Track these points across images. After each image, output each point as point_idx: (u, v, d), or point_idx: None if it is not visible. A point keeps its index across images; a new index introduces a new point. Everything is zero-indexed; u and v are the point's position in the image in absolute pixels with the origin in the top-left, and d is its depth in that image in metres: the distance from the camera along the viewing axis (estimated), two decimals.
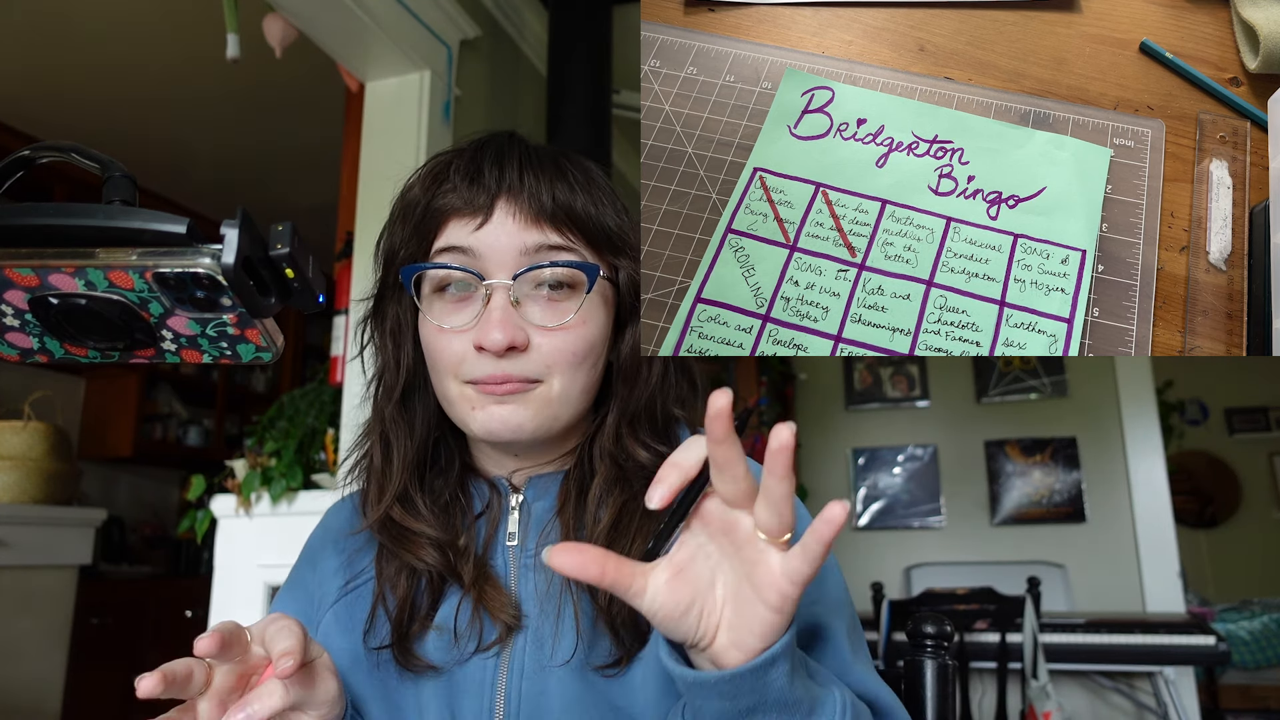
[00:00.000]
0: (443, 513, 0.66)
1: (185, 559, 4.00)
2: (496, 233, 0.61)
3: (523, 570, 0.64)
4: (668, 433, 0.68)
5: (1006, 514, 3.40)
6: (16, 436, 2.62)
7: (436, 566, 0.63)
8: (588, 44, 2.23)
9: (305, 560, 0.73)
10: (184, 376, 4.09)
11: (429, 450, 0.68)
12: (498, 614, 0.61)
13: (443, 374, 0.63)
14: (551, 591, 0.61)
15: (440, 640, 0.62)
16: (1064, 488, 3.34)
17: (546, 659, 0.60)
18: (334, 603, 0.67)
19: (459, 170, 0.63)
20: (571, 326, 0.61)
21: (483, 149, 0.64)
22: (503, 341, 0.59)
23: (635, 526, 0.61)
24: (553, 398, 0.62)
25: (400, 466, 0.65)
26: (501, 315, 0.59)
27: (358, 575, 0.67)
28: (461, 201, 0.62)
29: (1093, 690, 2.93)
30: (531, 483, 0.67)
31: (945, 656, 0.79)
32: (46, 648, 2.55)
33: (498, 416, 0.61)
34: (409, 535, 0.64)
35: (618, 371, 0.67)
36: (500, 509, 0.67)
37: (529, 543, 0.65)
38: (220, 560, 2.00)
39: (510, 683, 0.60)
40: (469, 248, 0.61)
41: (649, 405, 0.66)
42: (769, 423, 3.30)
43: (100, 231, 0.42)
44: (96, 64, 2.87)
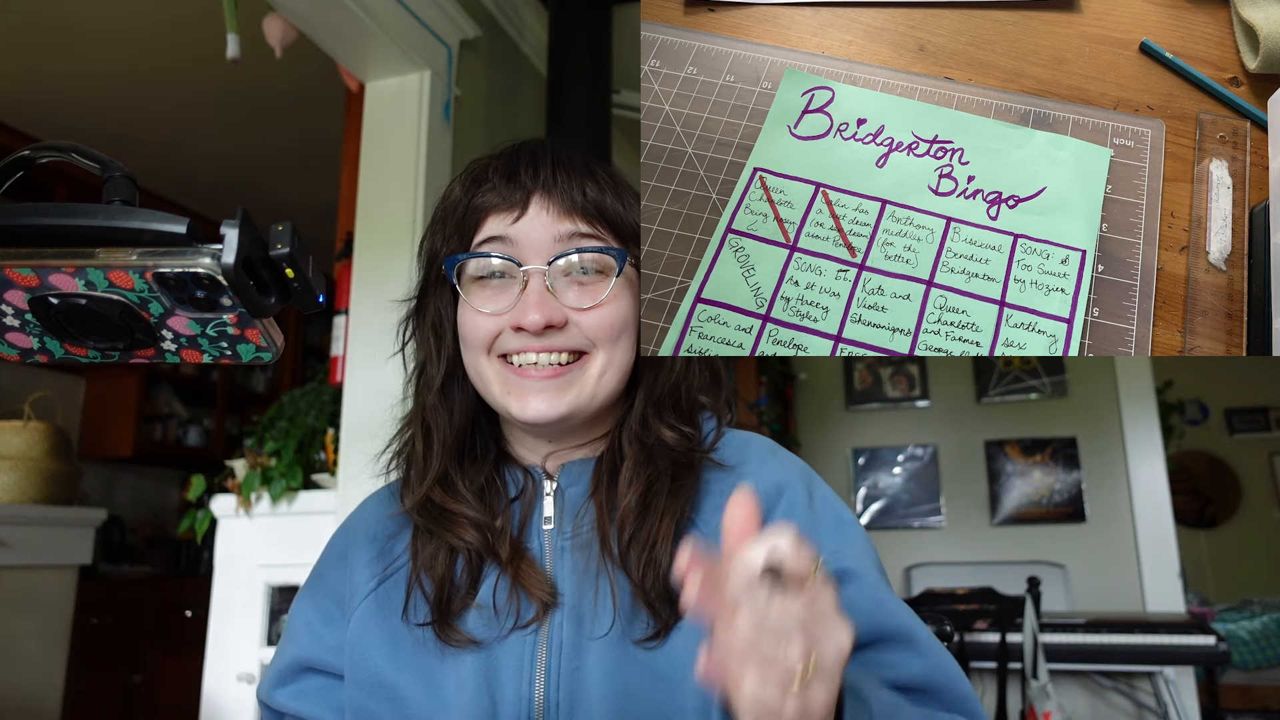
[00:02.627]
0: (479, 496, 0.69)
1: (185, 559, 4.00)
2: (532, 223, 0.66)
3: (558, 552, 0.66)
4: (692, 418, 0.71)
5: (1006, 514, 3.40)
6: (16, 436, 2.61)
7: (476, 545, 0.65)
8: (588, 44, 2.23)
9: (333, 558, 0.74)
10: (184, 376, 4.09)
11: (467, 436, 0.71)
12: (534, 591, 0.63)
13: (476, 351, 0.67)
14: (590, 570, 0.64)
15: (480, 617, 0.64)
16: (1064, 488, 3.34)
17: (585, 634, 0.62)
18: (371, 591, 0.68)
19: (497, 171, 0.69)
20: (605, 303, 0.66)
21: (518, 152, 0.70)
22: (540, 321, 0.63)
23: (663, 505, 0.64)
24: (593, 374, 0.66)
25: (440, 451, 0.69)
26: (539, 297, 0.64)
27: (393, 562, 0.69)
28: (499, 198, 0.67)
29: (1093, 690, 2.93)
30: (565, 469, 0.70)
31: None
32: (46, 648, 2.55)
33: (534, 406, 0.65)
34: (449, 515, 0.67)
35: (643, 358, 0.70)
36: (535, 494, 0.70)
37: (565, 525, 0.67)
38: (220, 560, 2.00)
39: (550, 658, 0.62)
40: (507, 237, 0.66)
41: (674, 390, 0.70)
42: (769, 422, 3.30)
43: (100, 231, 0.42)
44: (96, 64, 2.87)
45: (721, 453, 0.70)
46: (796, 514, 0.65)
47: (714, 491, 0.67)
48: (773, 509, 0.65)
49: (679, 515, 0.64)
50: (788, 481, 0.67)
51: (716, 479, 0.68)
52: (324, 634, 0.69)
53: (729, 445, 0.71)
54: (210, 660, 1.96)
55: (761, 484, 0.66)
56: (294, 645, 0.70)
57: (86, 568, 2.76)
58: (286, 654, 0.70)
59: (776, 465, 0.69)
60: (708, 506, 0.66)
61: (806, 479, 0.69)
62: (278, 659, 0.71)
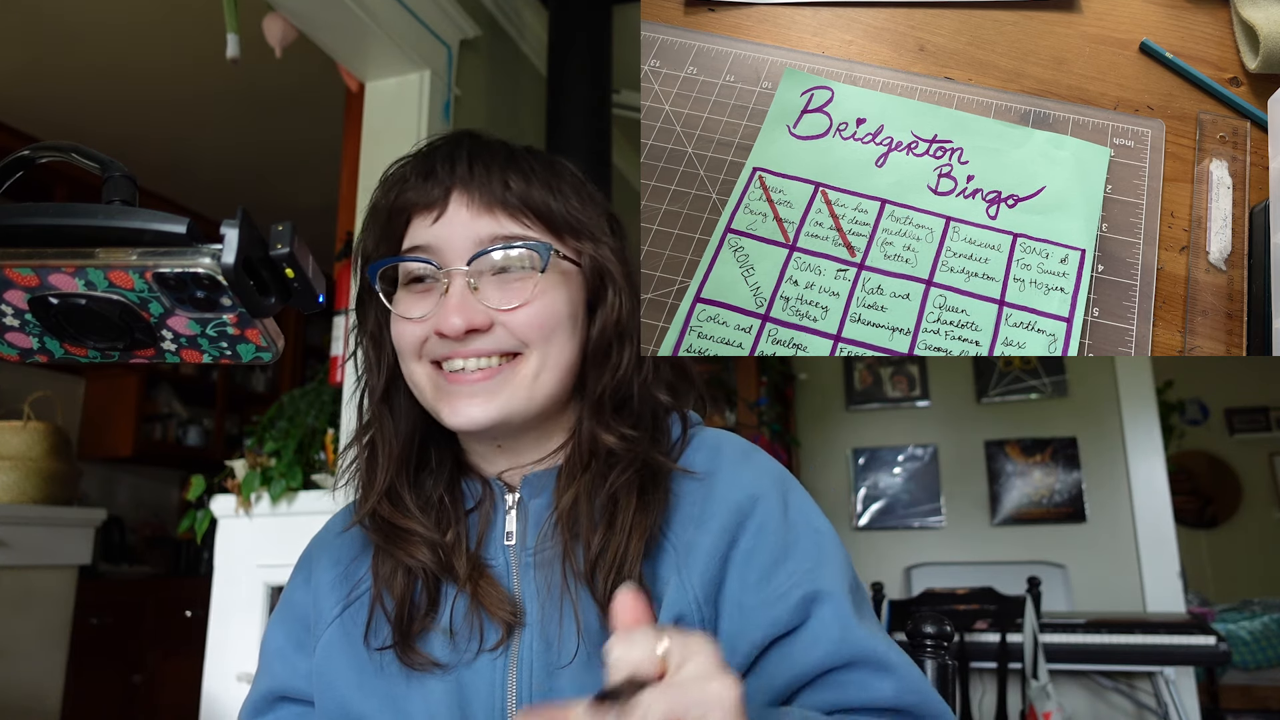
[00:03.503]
0: (434, 510, 0.66)
1: (185, 559, 4.00)
2: (451, 223, 0.63)
3: (524, 568, 0.63)
4: (655, 423, 0.67)
5: (1006, 514, 3.40)
6: (16, 436, 2.61)
7: (429, 564, 0.63)
8: (588, 44, 2.23)
9: (299, 581, 0.72)
10: (184, 376, 4.09)
11: (415, 448, 0.68)
12: (495, 610, 0.61)
13: (408, 358, 0.64)
14: (554, 590, 0.61)
15: (443, 638, 0.62)
16: (1064, 488, 3.34)
17: (555, 659, 0.59)
18: (336, 618, 0.66)
19: (415, 169, 0.65)
20: (531, 301, 0.62)
21: (436, 148, 0.67)
22: (460, 325, 0.60)
23: (631, 521, 0.60)
24: (527, 376, 0.63)
25: (386, 464, 0.66)
26: (458, 301, 0.61)
27: (357, 585, 0.67)
28: (419, 196, 0.64)
29: (1093, 690, 2.93)
30: (527, 481, 0.66)
31: (945, 656, 0.80)
32: (46, 648, 2.55)
33: (464, 412, 0.62)
34: (399, 533, 0.64)
35: (588, 356, 0.66)
36: (493, 506, 0.66)
37: (529, 540, 0.64)
38: (220, 560, 2.00)
39: (520, 683, 0.60)
40: (427, 244, 0.63)
41: (618, 389, 0.65)
42: (769, 422, 3.30)
43: (100, 231, 0.42)
44: (96, 64, 2.87)
45: (692, 458, 0.66)
46: (773, 519, 0.63)
47: (685, 503, 0.63)
48: (746, 521, 0.62)
49: (647, 531, 0.60)
50: (762, 492, 0.64)
51: (688, 489, 0.64)
52: (296, 661, 0.67)
53: (700, 450, 0.67)
54: (210, 660, 1.96)
55: (735, 494, 0.63)
56: (267, 675, 0.68)
57: (86, 568, 2.76)
58: (260, 684, 0.69)
59: (750, 473, 0.65)
60: (679, 520, 0.63)
61: (782, 487, 0.66)
62: (253, 689, 0.69)
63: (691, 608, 0.59)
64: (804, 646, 0.58)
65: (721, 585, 0.61)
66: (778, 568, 0.61)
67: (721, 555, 0.61)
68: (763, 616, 0.59)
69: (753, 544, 0.62)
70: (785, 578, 0.60)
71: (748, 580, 0.61)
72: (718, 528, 0.61)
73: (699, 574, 0.60)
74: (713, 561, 0.60)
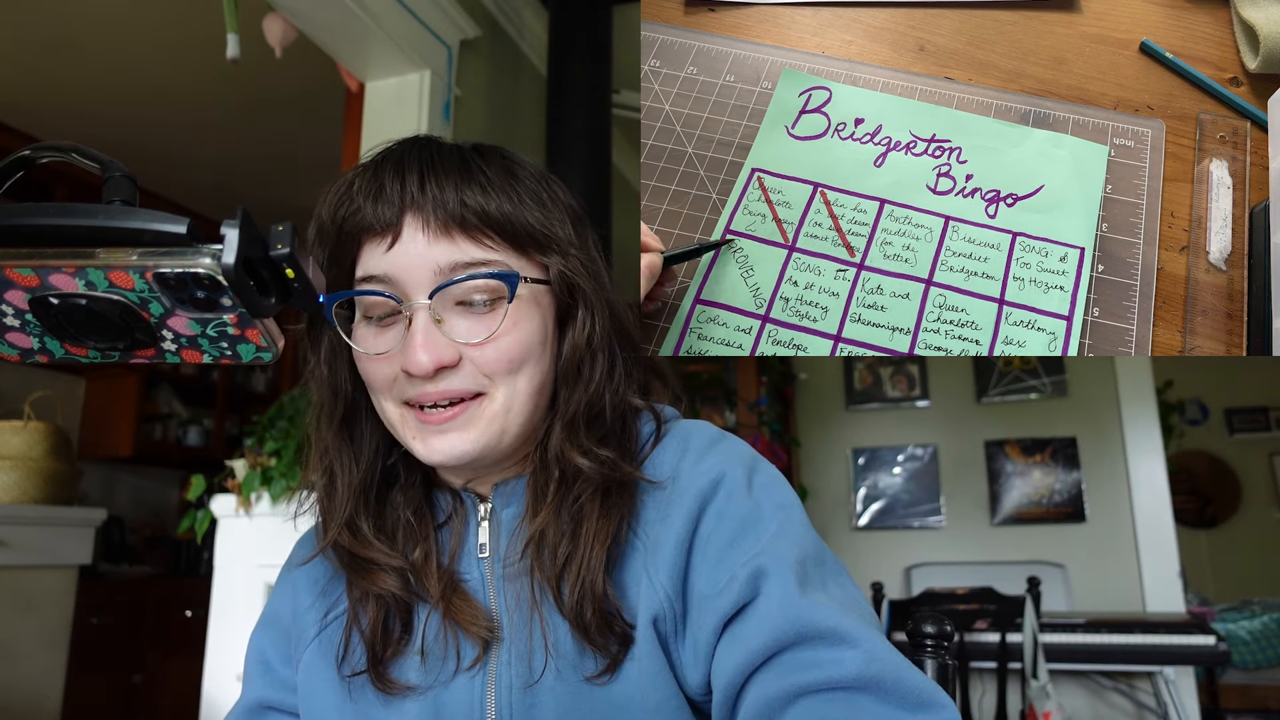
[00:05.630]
0: (405, 529, 0.64)
1: (185, 559, 4.00)
2: (407, 251, 0.58)
3: (499, 581, 0.62)
4: (625, 428, 0.65)
5: (1006, 514, 3.40)
6: (16, 436, 2.61)
7: (397, 591, 0.61)
8: (588, 44, 2.23)
9: (284, 591, 0.71)
10: (184, 376, 4.09)
11: (376, 475, 0.65)
12: (469, 627, 0.59)
13: (380, 396, 0.61)
14: (524, 603, 0.59)
15: (418, 661, 0.61)
16: (1064, 488, 3.34)
17: (532, 674, 0.58)
18: (316, 636, 0.65)
19: (361, 189, 0.60)
20: (500, 335, 0.58)
21: (385, 160, 0.61)
22: (428, 365, 0.57)
23: (594, 529, 0.59)
24: (497, 411, 0.60)
25: (346, 495, 0.63)
26: (424, 338, 0.57)
27: (334, 604, 0.66)
28: (369, 219, 0.59)
29: (1093, 690, 2.93)
30: (498, 490, 0.65)
31: (945, 656, 0.79)
32: (46, 648, 2.55)
33: (438, 449, 0.59)
34: (362, 563, 0.62)
35: (559, 374, 0.63)
36: (463, 519, 0.65)
37: (501, 551, 0.63)
38: (220, 560, 2.00)
39: (500, 701, 0.58)
40: (384, 274, 0.58)
41: (590, 406, 0.62)
42: (769, 422, 3.30)
43: (100, 231, 0.42)
44: (96, 64, 2.88)
45: (660, 456, 0.64)
46: (735, 500, 0.60)
47: (654, 498, 0.61)
48: (708, 506, 0.59)
49: (611, 538, 0.58)
50: (724, 472, 0.61)
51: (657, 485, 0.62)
52: (281, 673, 0.67)
53: (669, 445, 0.64)
54: (210, 660, 1.96)
55: (699, 481, 0.60)
56: (253, 687, 0.68)
57: (86, 568, 2.76)
58: (247, 696, 0.68)
59: (715, 458, 0.62)
60: (648, 516, 0.61)
61: (748, 465, 0.62)
62: (239, 700, 0.69)
63: (665, 606, 0.57)
64: (754, 626, 0.54)
65: (686, 574, 0.58)
66: (733, 548, 0.57)
67: (685, 544, 0.59)
68: (717, 601, 0.56)
69: (713, 527, 0.59)
70: (739, 555, 0.57)
71: (706, 564, 0.58)
72: (682, 517, 0.59)
73: (666, 568, 0.58)
74: (677, 552, 0.58)
